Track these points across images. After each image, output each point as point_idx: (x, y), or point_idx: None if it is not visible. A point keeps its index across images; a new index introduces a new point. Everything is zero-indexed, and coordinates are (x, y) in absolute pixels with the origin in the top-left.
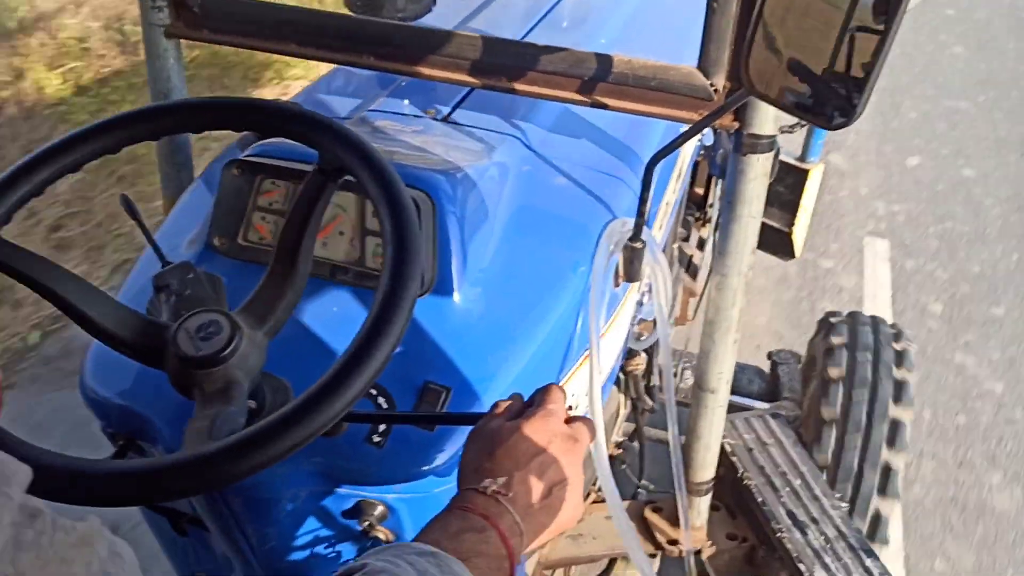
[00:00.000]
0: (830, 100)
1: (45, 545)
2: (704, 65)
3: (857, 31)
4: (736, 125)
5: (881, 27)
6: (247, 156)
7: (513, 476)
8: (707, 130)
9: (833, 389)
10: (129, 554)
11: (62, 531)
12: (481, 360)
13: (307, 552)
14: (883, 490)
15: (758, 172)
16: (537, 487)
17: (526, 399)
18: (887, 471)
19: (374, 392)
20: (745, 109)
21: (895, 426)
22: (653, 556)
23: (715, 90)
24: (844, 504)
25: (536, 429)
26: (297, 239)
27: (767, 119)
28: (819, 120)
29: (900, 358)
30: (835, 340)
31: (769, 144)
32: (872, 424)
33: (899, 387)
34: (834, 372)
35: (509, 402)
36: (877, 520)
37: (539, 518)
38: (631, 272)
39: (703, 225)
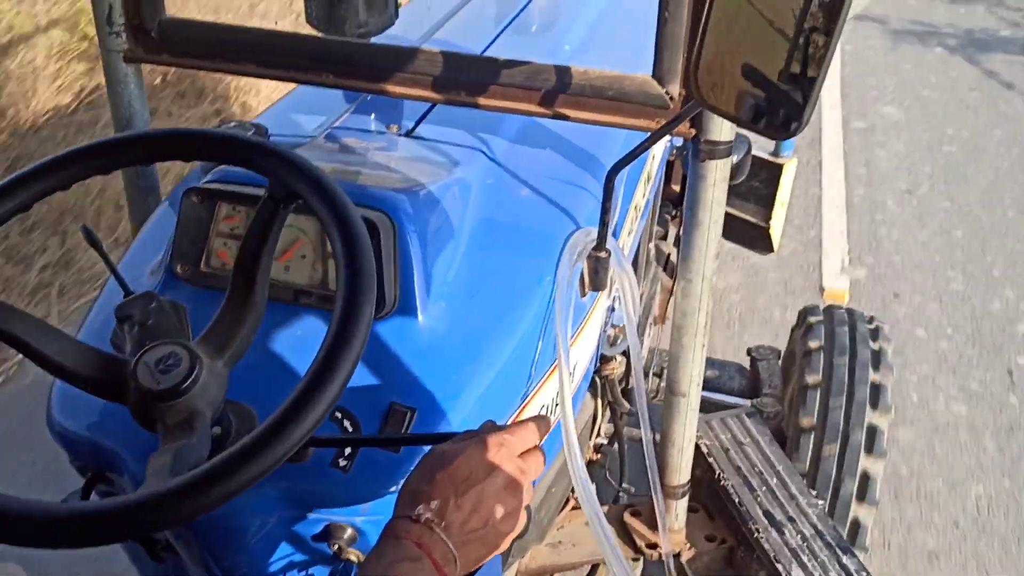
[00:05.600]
0: (782, 105)
1: None
2: (659, 73)
3: (811, 32)
4: (693, 132)
5: (832, 26)
6: (206, 183)
7: (448, 502)
8: None
9: (811, 396)
10: None
11: None
12: (446, 378)
13: None
14: (862, 497)
15: (717, 177)
16: (473, 517)
17: (500, 422)
18: (865, 478)
19: (339, 416)
20: (701, 116)
21: (872, 432)
22: (636, 560)
23: (671, 98)
24: (820, 502)
25: (481, 454)
26: (253, 267)
27: (724, 124)
28: (768, 131)
29: (877, 358)
30: (812, 344)
31: (727, 149)
32: (850, 431)
33: (876, 391)
34: (811, 379)
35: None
36: (856, 527)
37: (474, 547)
38: (596, 281)
39: (680, 223)
